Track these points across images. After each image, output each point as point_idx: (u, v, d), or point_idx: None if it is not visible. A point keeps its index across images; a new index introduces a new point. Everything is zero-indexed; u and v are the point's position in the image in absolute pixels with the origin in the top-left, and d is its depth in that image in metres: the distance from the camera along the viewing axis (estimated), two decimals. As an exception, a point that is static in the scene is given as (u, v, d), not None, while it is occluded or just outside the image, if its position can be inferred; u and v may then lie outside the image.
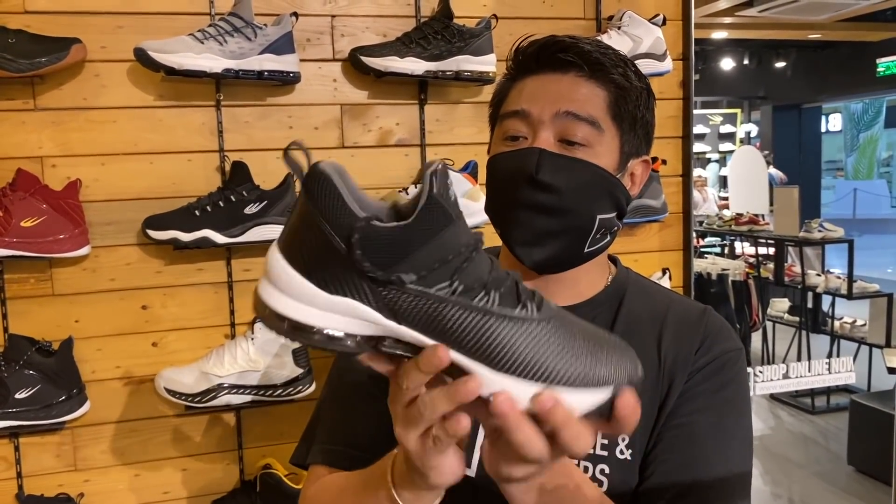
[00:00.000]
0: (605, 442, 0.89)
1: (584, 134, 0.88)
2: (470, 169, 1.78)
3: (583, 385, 0.56)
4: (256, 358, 1.66)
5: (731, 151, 10.83)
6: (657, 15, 1.91)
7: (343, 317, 0.54)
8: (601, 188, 0.90)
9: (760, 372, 2.63)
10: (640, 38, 1.84)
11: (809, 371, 2.69)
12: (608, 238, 0.94)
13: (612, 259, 1.03)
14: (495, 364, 0.55)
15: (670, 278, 2.01)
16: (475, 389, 0.55)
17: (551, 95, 0.89)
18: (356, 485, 0.79)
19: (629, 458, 0.88)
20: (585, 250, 0.92)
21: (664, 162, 2.03)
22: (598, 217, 0.91)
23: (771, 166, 8.95)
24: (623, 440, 0.89)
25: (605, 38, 1.83)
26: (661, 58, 1.88)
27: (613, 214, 0.92)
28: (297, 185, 0.55)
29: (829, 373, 2.71)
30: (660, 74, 1.91)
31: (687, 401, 0.90)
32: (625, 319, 0.95)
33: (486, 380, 0.55)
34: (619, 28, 1.85)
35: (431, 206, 0.54)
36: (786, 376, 2.67)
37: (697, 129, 10.84)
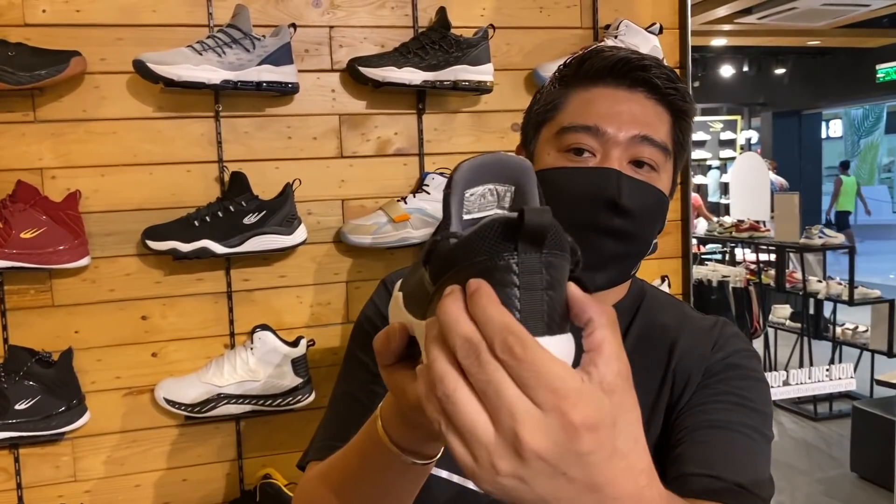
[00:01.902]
0: None
1: (655, 158, 0.88)
2: (468, 178, 1.78)
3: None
4: (256, 368, 1.66)
5: (732, 158, 10.83)
6: (654, 24, 1.92)
7: None
8: (661, 213, 0.91)
9: (761, 379, 2.63)
10: (637, 47, 1.85)
11: (810, 378, 2.68)
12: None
13: None
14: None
15: (669, 286, 2.01)
16: None
17: (625, 116, 0.87)
18: (346, 456, 0.72)
19: None
20: (631, 273, 0.94)
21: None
22: (654, 242, 0.93)
23: (771, 172, 8.94)
24: None
25: (602, 47, 1.84)
26: (658, 66, 1.89)
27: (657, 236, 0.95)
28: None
29: (830, 379, 2.70)
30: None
31: (703, 396, 0.89)
32: (637, 331, 0.96)
33: None
34: (615, 37, 1.86)
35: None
36: (786, 383, 2.67)
37: (698, 136, 10.86)
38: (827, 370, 2.74)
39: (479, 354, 0.42)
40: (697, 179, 10.74)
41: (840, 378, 2.73)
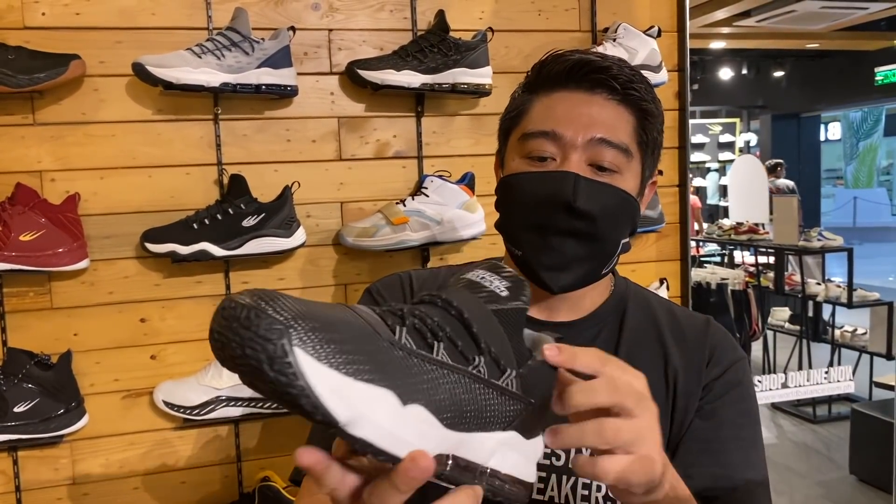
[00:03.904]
0: None
1: (615, 160, 0.88)
2: (467, 181, 1.79)
3: None
4: (255, 370, 1.66)
5: (731, 161, 10.84)
6: (652, 27, 1.92)
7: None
8: (627, 213, 0.91)
9: (759, 381, 2.63)
10: (635, 50, 1.86)
11: (808, 380, 2.69)
12: (619, 257, 0.96)
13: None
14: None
15: (668, 288, 2.02)
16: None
17: (584, 119, 0.87)
18: None
19: None
20: (603, 272, 0.94)
21: (660, 172, 2.03)
22: (622, 242, 0.93)
23: (782, 176, 8.90)
24: None
25: (600, 51, 1.84)
26: (656, 69, 1.90)
27: (629, 237, 0.95)
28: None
29: (828, 382, 2.71)
30: (655, 86, 1.91)
31: (704, 416, 0.91)
32: (629, 335, 0.96)
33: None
34: (614, 40, 1.86)
35: None
36: (784, 385, 2.67)
37: (697, 138, 10.88)
38: (826, 373, 2.74)
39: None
40: (696, 182, 10.74)
41: (839, 381, 2.73)
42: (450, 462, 0.51)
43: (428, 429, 0.48)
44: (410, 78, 1.72)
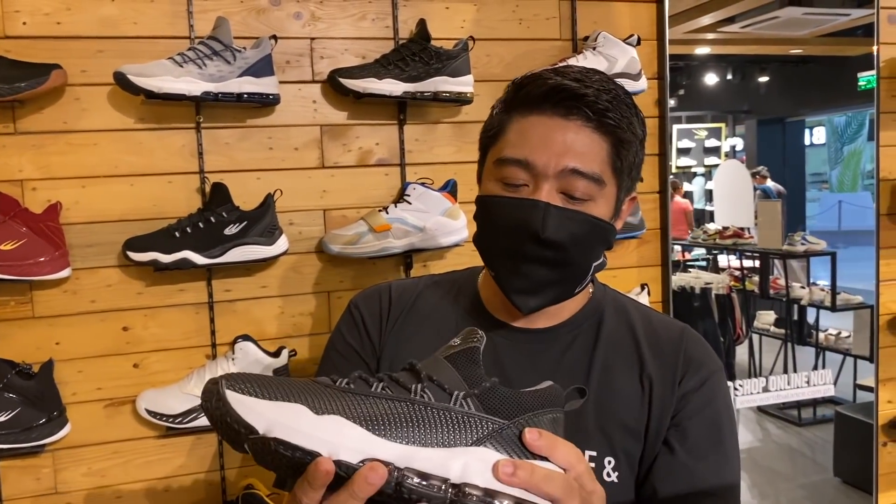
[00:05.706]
0: (593, 465, 0.90)
1: (587, 189, 0.88)
2: (449, 188, 1.80)
3: None
4: (237, 378, 1.66)
5: (717, 165, 10.90)
6: (632, 35, 1.94)
7: None
8: (599, 238, 0.92)
9: (741, 385, 2.65)
10: (615, 58, 1.87)
11: (789, 384, 2.71)
12: (594, 275, 0.98)
13: None
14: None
15: (649, 293, 2.03)
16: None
17: (556, 147, 0.86)
18: None
19: (616, 479, 0.90)
20: (575, 291, 0.96)
21: (641, 179, 2.05)
22: (594, 265, 0.94)
23: (768, 179, 8.94)
24: (609, 463, 0.90)
25: (580, 59, 1.86)
26: (636, 77, 1.91)
27: (603, 257, 0.97)
28: None
29: (809, 386, 2.73)
30: (635, 94, 1.93)
31: (680, 427, 0.93)
32: (606, 341, 0.98)
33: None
34: (594, 49, 1.88)
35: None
36: (766, 389, 2.69)
37: (683, 143, 10.94)
38: (806, 377, 2.77)
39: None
40: (686, 187, 10.77)
41: (819, 384, 2.76)
42: (405, 472, 0.56)
43: (352, 433, 0.57)
44: (392, 86, 1.73)
